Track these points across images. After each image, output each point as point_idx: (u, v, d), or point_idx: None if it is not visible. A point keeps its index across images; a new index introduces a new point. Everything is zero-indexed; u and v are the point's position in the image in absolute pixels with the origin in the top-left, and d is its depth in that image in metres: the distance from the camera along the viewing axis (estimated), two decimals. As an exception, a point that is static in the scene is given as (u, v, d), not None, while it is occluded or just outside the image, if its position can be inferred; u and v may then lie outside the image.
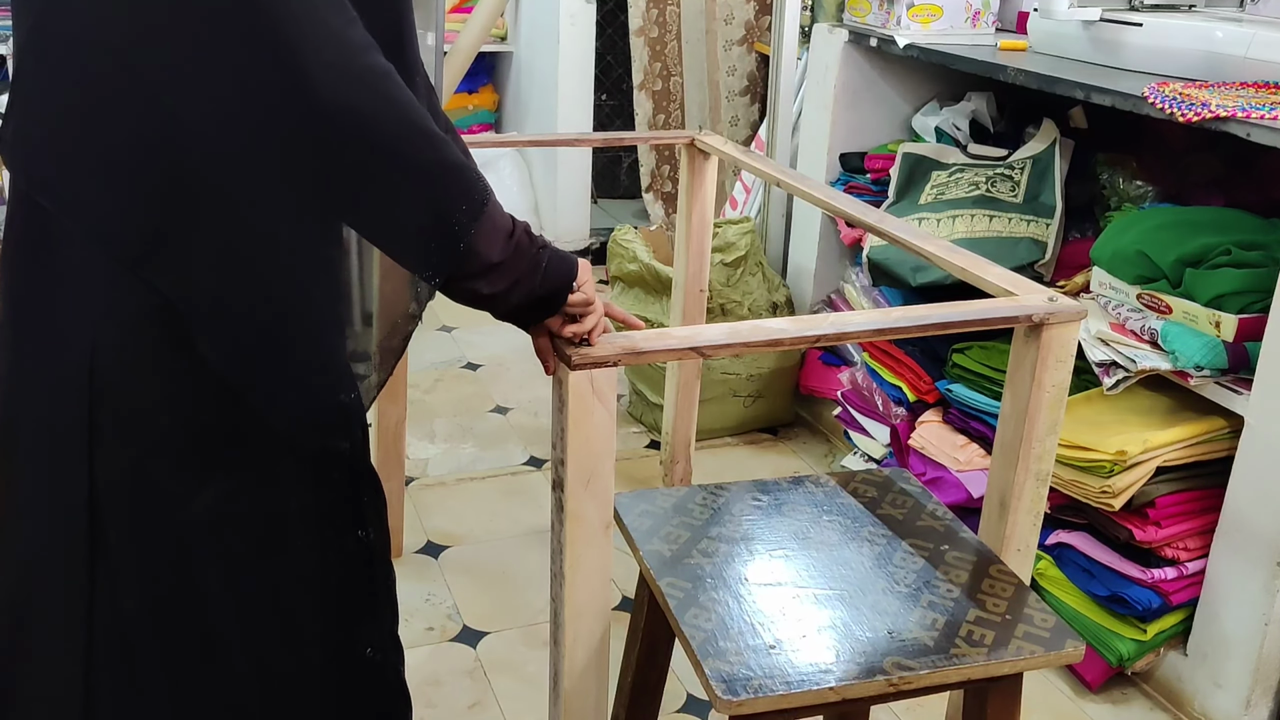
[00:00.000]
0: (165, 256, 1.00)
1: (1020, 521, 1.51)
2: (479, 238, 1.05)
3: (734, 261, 2.82)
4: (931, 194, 2.47)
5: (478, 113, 4.26)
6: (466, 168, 1.05)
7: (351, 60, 0.97)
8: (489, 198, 1.07)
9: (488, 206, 1.06)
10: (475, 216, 1.05)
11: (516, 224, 1.11)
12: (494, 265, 1.08)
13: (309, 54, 0.94)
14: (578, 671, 1.29)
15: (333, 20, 0.96)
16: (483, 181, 1.07)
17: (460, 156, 1.05)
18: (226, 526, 1.09)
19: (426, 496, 2.57)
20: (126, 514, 1.07)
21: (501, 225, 1.08)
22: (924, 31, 2.56)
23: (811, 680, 1.12)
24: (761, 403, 2.92)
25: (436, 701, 1.93)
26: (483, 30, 3.54)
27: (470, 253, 1.05)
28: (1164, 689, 2.01)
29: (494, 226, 1.07)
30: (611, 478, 1.24)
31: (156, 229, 1.00)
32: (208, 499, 1.08)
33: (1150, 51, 2.13)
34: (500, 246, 1.08)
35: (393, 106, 0.99)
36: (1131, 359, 1.89)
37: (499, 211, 1.08)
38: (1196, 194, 2.19)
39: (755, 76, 4.04)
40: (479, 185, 1.06)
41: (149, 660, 1.10)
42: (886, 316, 1.39)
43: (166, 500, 1.07)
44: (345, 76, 0.96)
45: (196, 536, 1.08)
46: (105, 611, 1.08)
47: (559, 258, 1.14)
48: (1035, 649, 1.18)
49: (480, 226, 1.05)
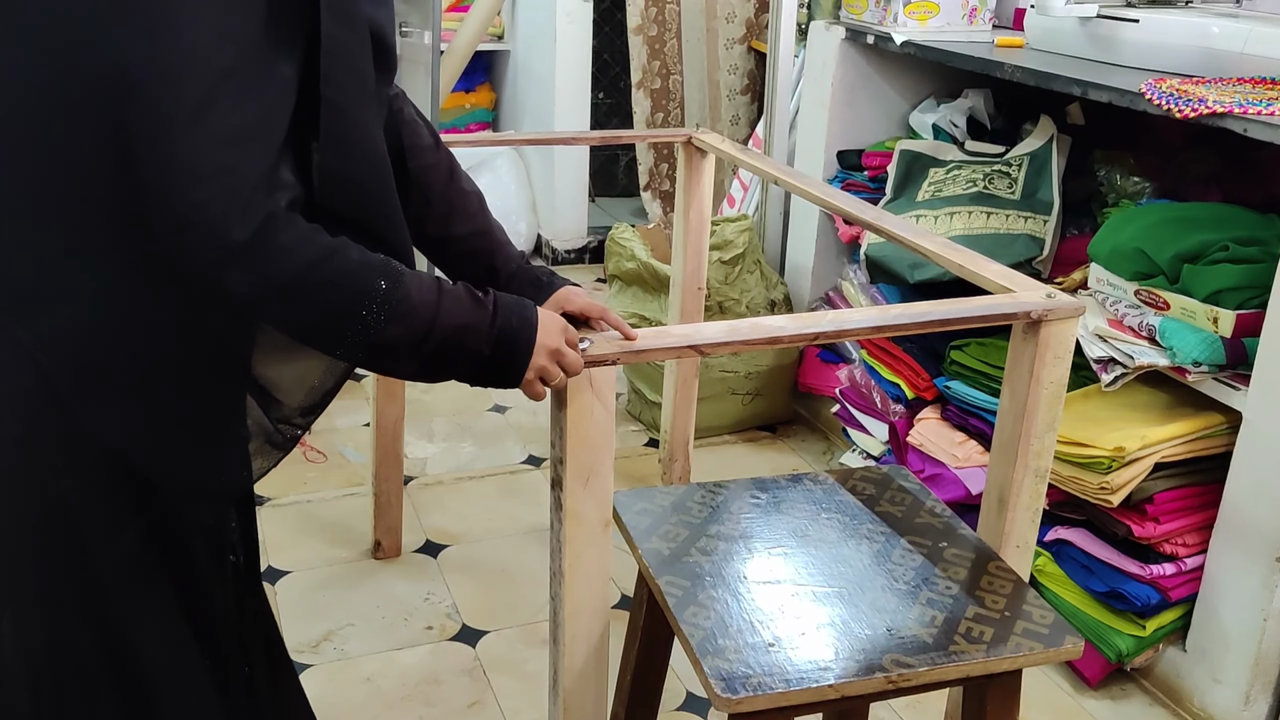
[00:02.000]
0: (36, 310, 0.99)
1: (1019, 518, 1.51)
2: (390, 329, 1.03)
3: (732, 259, 2.82)
4: (929, 191, 2.47)
5: (475, 111, 4.26)
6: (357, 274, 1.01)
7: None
8: (397, 287, 1.03)
9: (397, 295, 1.03)
10: (382, 313, 1.02)
11: (441, 301, 1.07)
12: (417, 344, 1.05)
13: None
14: (577, 670, 1.29)
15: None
16: (386, 270, 1.03)
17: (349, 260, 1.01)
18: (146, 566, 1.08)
19: (425, 495, 2.57)
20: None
21: (419, 308, 1.05)
22: (921, 28, 2.56)
23: (811, 678, 1.12)
24: (760, 400, 2.92)
25: (436, 700, 1.93)
26: (480, 28, 3.53)
27: (385, 345, 1.04)
28: (1163, 685, 2.01)
29: (408, 312, 1.04)
30: (610, 476, 1.24)
31: (31, 281, 0.98)
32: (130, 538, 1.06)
33: (1147, 47, 2.13)
34: (419, 330, 1.05)
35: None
36: (1129, 355, 1.89)
37: (411, 298, 1.04)
38: (1194, 190, 2.19)
39: (754, 75, 4.03)
40: (378, 282, 1.02)
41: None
42: (885, 314, 1.39)
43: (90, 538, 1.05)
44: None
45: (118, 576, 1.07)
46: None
47: (508, 330, 1.11)
48: (1034, 645, 1.19)
49: (391, 318, 1.03)
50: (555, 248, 4.12)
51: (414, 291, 1.04)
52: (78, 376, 1.00)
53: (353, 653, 2.04)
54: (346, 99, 1.02)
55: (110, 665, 1.07)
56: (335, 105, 1.01)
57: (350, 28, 1.02)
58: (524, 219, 4.10)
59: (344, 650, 2.04)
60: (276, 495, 2.51)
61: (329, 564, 2.30)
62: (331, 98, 1.01)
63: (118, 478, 1.04)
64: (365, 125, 1.05)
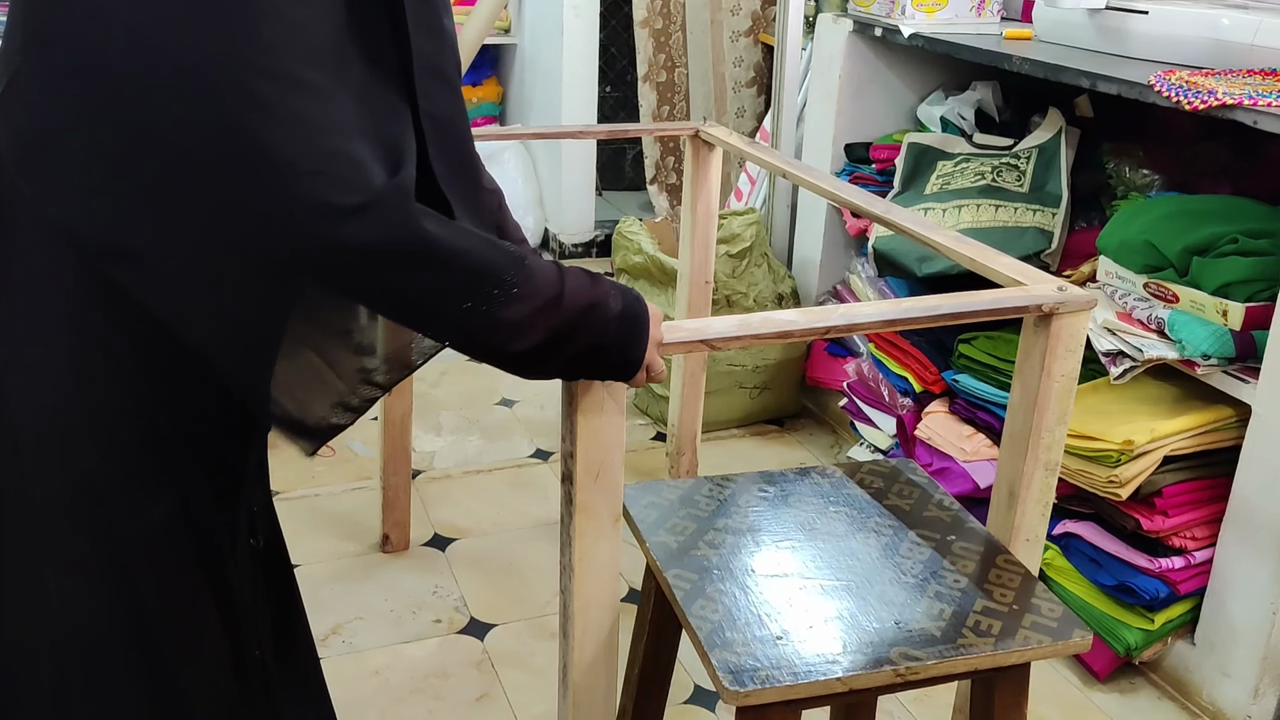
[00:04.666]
0: (134, 257, 0.98)
1: (1029, 511, 1.51)
2: (510, 309, 1.01)
3: (739, 253, 2.81)
4: (937, 184, 2.47)
5: (482, 105, 4.26)
6: (488, 260, 0.99)
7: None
8: (519, 271, 1.01)
9: (518, 284, 1.01)
10: (505, 297, 1.00)
11: (566, 286, 1.05)
12: (529, 328, 1.03)
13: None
14: (587, 664, 1.30)
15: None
16: (510, 257, 1.02)
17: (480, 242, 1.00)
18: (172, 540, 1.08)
19: (433, 489, 2.58)
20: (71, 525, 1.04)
21: (543, 293, 1.03)
22: (929, 21, 2.55)
23: (819, 671, 1.12)
24: (767, 394, 2.92)
25: (444, 694, 1.94)
26: (486, 23, 3.53)
27: (502, 323, 1.01)
28: (1172, 678, 2.00)
29: (531, 294, 1.02)
30: (621, 471, 1.24)
31: (131, 226, 0.97)
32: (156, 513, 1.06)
33: (1156, 39, 2.12)
34: (537, 315, 1.03)
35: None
36: (1138, 348, 1.89)
37: (535, 285, 1.03)
38: (1203, 182, 2.18)
39: (761, 68, 4.03)
40: (504, 268, 1.00)
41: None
42: (897, 307, 1.39)
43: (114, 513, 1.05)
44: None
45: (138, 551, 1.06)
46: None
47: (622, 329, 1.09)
48: (1043, 639, 1.18)
49: (511, 302, 1.01)
50: (562, 241, 4.12)
51: (538, 270, 1.03)
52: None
53: (361, 646, 2.04)
54: (441, 109, 1.04)
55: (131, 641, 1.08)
56: (434, 117, 1.03)
57: (438, 40, 1.04)
58: (531, 213, 4.11)
59: (352, 643, 2.05)
60: (285, 489, 2.52)
61: (337, 557, 2.30)
62: (429, 110, 1.02)
63: (144, 452, 1.05)
64: (461, 134, 1.07)
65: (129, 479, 1.05)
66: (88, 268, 0.98)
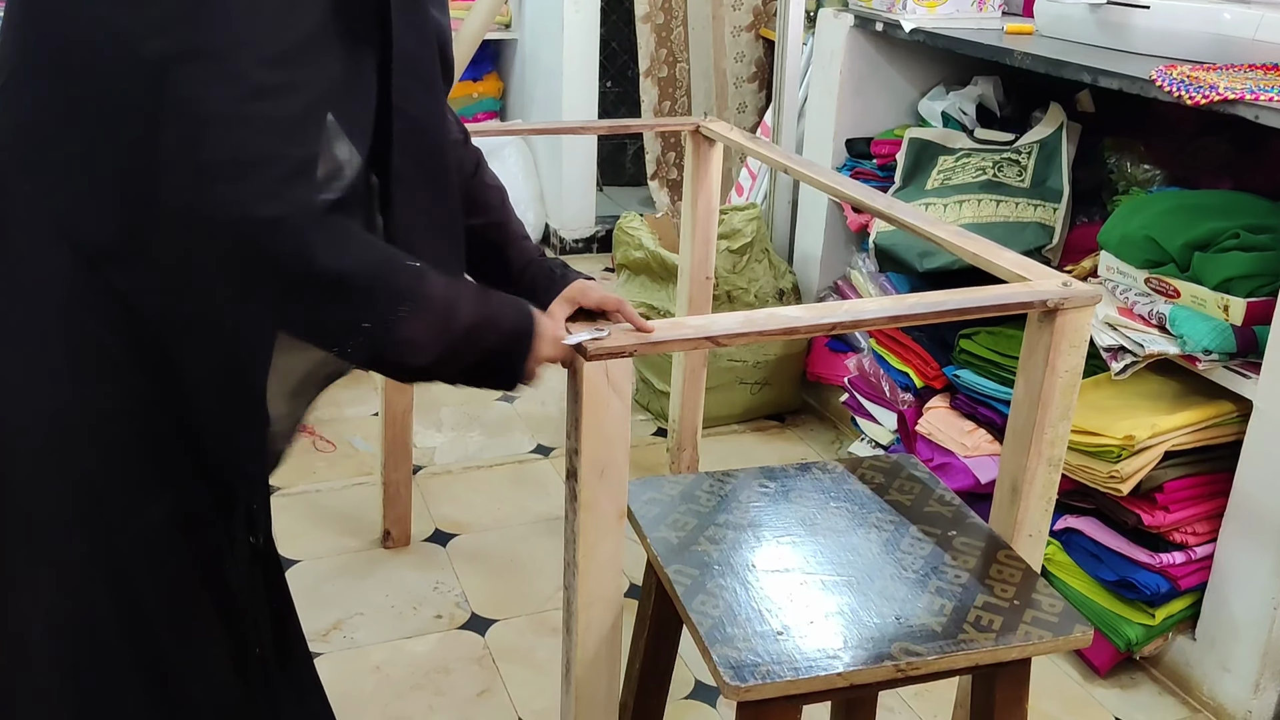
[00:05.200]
0: (130, 257, 0.98)
1: (1032, 507, 1.51)
2: (407, 329, 1.02)
3: (740, 248, 2.81)
4: (938, 179, 2.47)
5: (482, 101, 4.25)
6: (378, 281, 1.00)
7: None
8: (418, 291, 1.02)
9: (417, 302, 1.02)
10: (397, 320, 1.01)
11: (456, 305, 1.06)
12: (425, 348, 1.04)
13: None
14: (589, 659, 1.30)
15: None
16: (407, 275, 1.02)
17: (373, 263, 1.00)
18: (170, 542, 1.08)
19: (434, 485, 2.58)
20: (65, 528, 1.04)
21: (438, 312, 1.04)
22: (930, 15, 2.55)
23: (819, 666, 1.12)
24: (768, 390, 2.92)
25: (445, 689, 1.94)
26: (487, 18, 3.52)
27: (400, 341, 1.02)
28: (1172, 674, 2.01)
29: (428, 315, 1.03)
30: (626, 468, 1.24)
31: (125, 226, 0.97)
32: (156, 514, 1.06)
33: (1158, 34, 2.11)
34: (437, 334, 1.04)
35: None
36: (1139, 343, 1.89)
37: (431, 303, 1.04)
38: (1204, 177, 2.18)
39: (762, 63, 4.02)
40: (397, 290, 1.01)
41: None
42: (902, 303, 1.38)
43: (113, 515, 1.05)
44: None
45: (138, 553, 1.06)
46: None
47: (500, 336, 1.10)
48: (1043, 634, 1.18)
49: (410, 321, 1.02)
50: (563, 237, 4.12)
51: (435, 289, 1.04)
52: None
53: (362, 641, 2.04)
54: (417, 108, 1.04)
55: (131, 640, 1.08)
56: (406, 115, 1.03)
57: (421, 38, 1.04)
58: (532, 208, 4.10)
59: (353, 639, 2.05)
60: (286, 485, 2.52)
61: (338, 553, 2.30)
62: (403, 107, 1.03)
63: (143, 452, 1.05)
64: (435, 133, 1.08)
65: (128, 479, 1.05)
66: (85, 268, 0.98)
